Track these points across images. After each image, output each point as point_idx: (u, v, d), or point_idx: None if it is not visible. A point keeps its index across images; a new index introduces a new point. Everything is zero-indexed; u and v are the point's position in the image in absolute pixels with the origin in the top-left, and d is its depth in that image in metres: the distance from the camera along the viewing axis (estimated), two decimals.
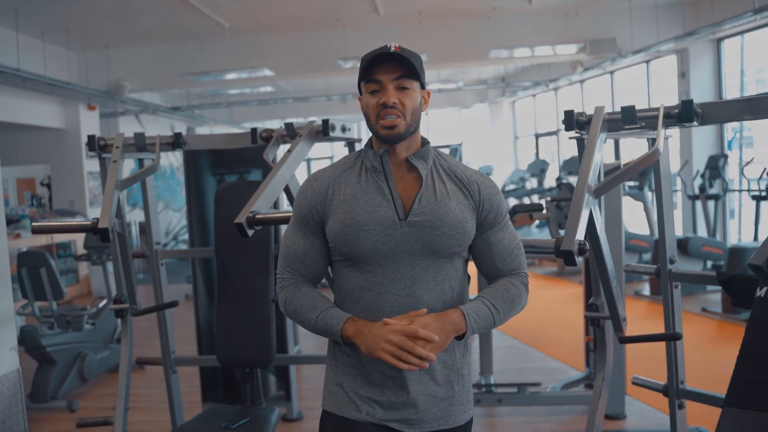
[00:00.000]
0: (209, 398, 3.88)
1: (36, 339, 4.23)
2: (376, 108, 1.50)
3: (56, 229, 2.72)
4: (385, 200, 1.52)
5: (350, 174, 1.58)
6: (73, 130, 9.44)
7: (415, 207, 1.52)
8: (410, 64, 1.49)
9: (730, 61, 8.35)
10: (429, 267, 1.53)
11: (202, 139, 3.18)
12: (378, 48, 1.53)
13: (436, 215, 1.51)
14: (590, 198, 1.86)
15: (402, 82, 1.50)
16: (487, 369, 4.16)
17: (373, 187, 1.54)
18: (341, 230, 1.51)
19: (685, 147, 8.58)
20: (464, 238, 1.55)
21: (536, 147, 13.75)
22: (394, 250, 1.51)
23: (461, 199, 1.56)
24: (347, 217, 1.51)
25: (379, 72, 1.50)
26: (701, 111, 2.12)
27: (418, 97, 1.54)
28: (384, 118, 1.49)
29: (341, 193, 1.55)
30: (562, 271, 8.91)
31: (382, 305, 1.51)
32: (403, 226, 1.50)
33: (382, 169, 1.54)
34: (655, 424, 3.68)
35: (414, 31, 8.75)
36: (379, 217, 1.50)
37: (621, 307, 2.36)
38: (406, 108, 1.50)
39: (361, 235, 1.50)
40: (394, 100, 1.48)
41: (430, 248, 1.52)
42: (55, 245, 8.39)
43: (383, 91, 1.50)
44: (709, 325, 5.81)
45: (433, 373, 1.54)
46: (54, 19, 7.79)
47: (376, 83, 1.50)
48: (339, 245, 1.53)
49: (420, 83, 1.54)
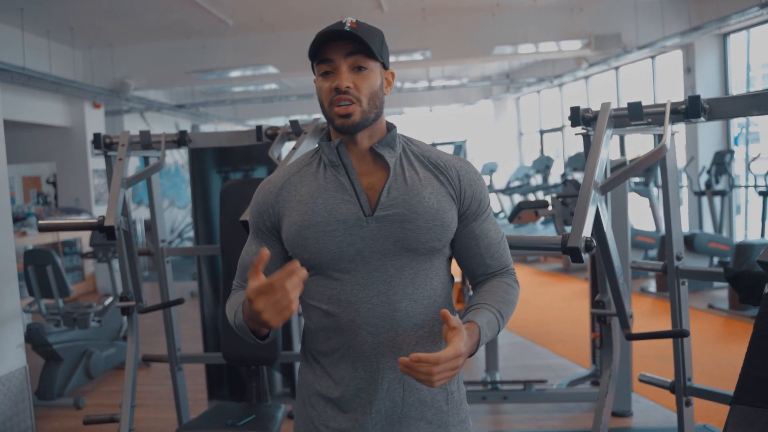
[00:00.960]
0: (215, 395, 3.89)
1: (42, 336, 4.25)
2: (329, 93, 1.30)
3: (63, 226, 2.72)
4: (348, 196, 1.32)
5: (307, 172, 1.39)
6: (78, 128, 9.47)
7: (383, 199, 1.32)
8: (365, 41, 1.28)
9: (736, 56, 8.30)
10: (405, 268, 1.33)
11: (207, 136, 3.18)
12: (329, 26, 1.32)
13: (408, 206, 1.31)
14: (597, 194, 1.86)
15: (357, 61, 1.30)
16: (493, 366, 4.16)
17: (333, 183, 1.34)
18: (298, 233, 1.32)
19: (691, 143, 8.54)
20: (443, 231, 1.34)
21: (541, 143, 13.72)
22: (361, 251, 1.31)
23: (437, 186, 1.35)
24: (304, 218, 1.32)
25: (331, 50, 1.30)
26: (708, 107, 2.11)
27: (378, 78, 1.33)
28: (338, 105, 1.29)
29: (296, 194, 1.36)
30: (568, 268, 8.89)
31: (354, 316, 1.31)
32: (370, 222, 1.31)
33: (340, 162, 1.34)
34: (662, 422, 3.67)
35: (418, 27, 8.74)
36: (341, 215, 1.31)
37: (627, 304, 2.36)
38: (362, 92, 1.30)
39: (321, 237, 1.30)
40: (348, 84, 1.28)
41: (404, 245, 1.32)
42: (61, 243, 8.42)
43: (336, 74, 1.30)
44: (716, 322, 5.79)
45: (419, 393, 1.36)
46: (59, 17, 7.81)
47: (327, 63, 1.30)
48: (298, 251, 1.33)
49: (381, 63, 1.35)
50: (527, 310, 6.59)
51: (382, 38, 1.36)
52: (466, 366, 4.73)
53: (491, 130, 15.56)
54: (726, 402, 2.12)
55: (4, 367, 3.27)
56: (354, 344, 1.33)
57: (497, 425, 3.76)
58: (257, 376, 2.88)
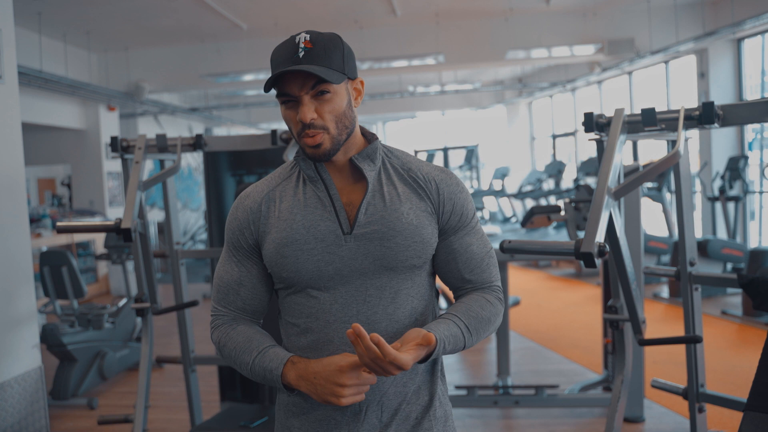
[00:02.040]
0: (228, 397, 3.91)
1: (57, 337, 4.29)
2: (296, 125, 1.25)
3: (80, 228, 2.75)
4: (326, 213, 1.28)
5: (286, 186, 1.34)
6: (93, 130, 9.57)
7: (361, 217, 1.28)
8: (324, 70, 1.21)
9: (750, 61, 8.26)
10: (385, 287, 1.28)
11: (222, 140, 3.21)
12: (285, 43, 1.24)
13: (386, 223, 1.27)
14: (610, 200, 1.86)
15: (318, 87, 1.22)
16: (504, 371, 4.16)
17: (313, 199, 1.30)
18: (277, 251, 1.28)
19: (704, 148, 8.50)
20: (423, 248, 1.30)
21: (553, 148, 13.68)
22: (340, 270, 1.27)
23: (416, 201, 1.31)
24: (283, 236, 1.28)
25: (289, 85, 1.23)
26: (722, 113, 2.11)
27: (344, 98, 1.26)
28: (305, 137, 1.24)
29: (276, 210, 1.31)
30: (580, 273, 8.86)
31: (332, 336, 1.27)
32: (348, 241, 1.27)
33: (319, 178, 1.30)
34: (674, 428, 3.65)
35: (431, 31, 8.76)
36: (319, 233, 1.27)
37: (640, 309, 2.36)
38: (327, 120, 1.24)
39: (300, 256, 1.27)
40: (312, 116, 1.22)
41: (383, 264, 1.28)
42: (75, 244, 8.50)
43: (298, 104, 1.24)
44: (730, 328, 5.76)
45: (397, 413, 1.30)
46: (76, 21, 7.90)
47: (286, 96, 1.24)
48: (277, 269, 1.30)
49: (345, 77, 1.27)
50: (539, 314, 6.58)
51: (342, 48, 1.26)
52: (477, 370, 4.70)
53: (504, 135, 15.54)
54: (739, 409, 2.12)
55: (20, 367, 3.31)
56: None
57: (509, 430, 3.76)
58: None
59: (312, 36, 1.23)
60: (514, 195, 11.53)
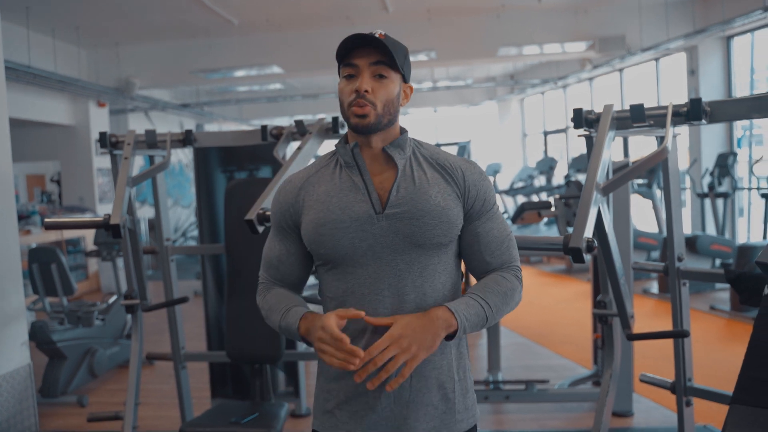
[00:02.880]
0: (218, 394, 3.91)
1: (47, 334, 4.27)
2: (349, 94, 1.41)
3: (68, 224, 2.74)
4: (360, 195, 1.43)
5: (324, 172, 1.50)
6: (82, 126, 9.50)
7: (392, 198, 1.42)
8: (390, 52, 1.39)
9: (739, 58, 8.30)
10: (414, 262, 1.42)
11: (212, 136, 3.20)
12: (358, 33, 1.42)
13: (416, 204, 1.41)
14: (599, 195, 1.87)
15: (379, 69, 1.40)
16: (495, 366, 4.17)
17: (348, 183, 1.45)
18: (315, 230, 1.43)
19: (694, 145, 8.54)
20: (449, 227, 1.43)
21: (545, 144, 13.72)
22: (373, 246, 1.41)
23: (443, 186, 1.45)
24: (321, 216, 1.43)
25: (357, 56, 1.41)
26: (710, 109, 2.13)
27: (396, 88, 1.44)
28: (356, 105, 1.40)
29: (314, 193, 1.47)
30: (571, 269, 8.90)
31: (366, 307, 1.42)
32: (380, 220, 1.41)
33: (354, 163, 1.45)
34: (662, 422, 3.68)
35: (423, 28, 8.75)
36: (354, 213, 1.41)
37: (629, 305, 2.37)
38: (378, 97, 1.40)
39: (336, 234, 1.41)
40: (367, 88, 1.39)
41: (412, 241, 1.41)
42: (65, 241, 8.46)
43: (358, 77, 1.41)
44: (718, 323, 5.80)
45: (426, 379, 1.43)
46: (64, 16, 7.85)
47: (352, 67, 1.41)
48: (315, 247, 1.45)
49: (401, 75, 1.46)
50: (530, 310, 6.60)
51: (407, 54, 1.47)
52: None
53: (495, 131, 15.57)
54: (726, 402, 2.13)
55: (9, 365, 3.29)
56: (366, 333, 1.43)
57: (499, 425, 3.77)
58: (261, 375, 2.89)
59: (387, 34, 1.42)
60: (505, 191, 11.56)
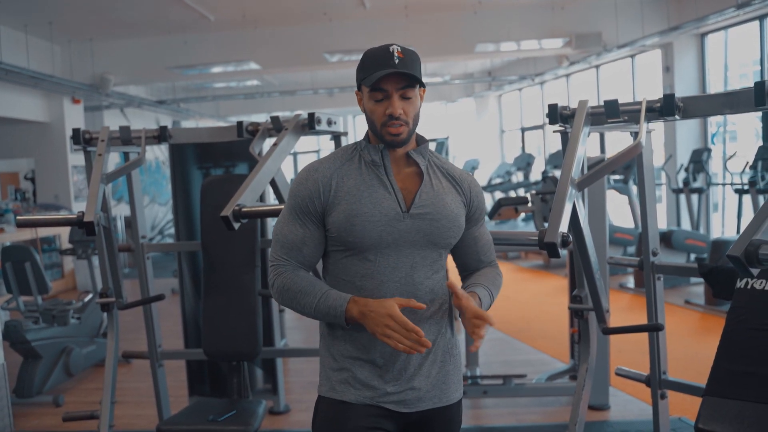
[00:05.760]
0: (196, 391, 3.89)
1: (21, 334, 4.21)
2: (382, 117, 1.57)
3: (41, 222, 2.70)
4: (388, 193, 1.59)
5: (350, 167, 1.63)
6: (57, 123, 9.36)
7: (417, 200, 1.60)
8: (414, 77, 1.56)
9: (714, 55, 8.42)
10: (427, 256, 1.62)
11: (187, 132, 3.17)
12: (381, 50, 1.57)
13: (436, 208, 1.61)
14: (573, 191, 1.89)
15: (406, 92, 1.57)
16: (473, 361, 4.19)
17: (375, 181, 1.60)
18: (347, 221, 1.57)
19: (669, 141, 8.65)
20: (458, 231, 1.65)
21: (522, 141, 13.81)
22: (397, 240, 1.59)
23: (454, 195, 1.66)
24: (353, 208, 1.57)
25: (385, 82, 1.56)
26: (683, 105, 2.15)
27: (419, 101, 1.61)
28: (390, 126, 1.57)
29: (345, 185, 1.60)
30: (548, 264, 8.97)
31: (384, 292, 1.58)
32: (405, 218, 1.59)
33: (382, 164, 1.62)
34: (638, 415, 3.73)
35: (400, 24, 8.75)
36: (384, 209, 1.58)
37: (604, 299, 2.40)
38: (409, 116, 1.58)
39: (367, 226, 1.56)
40: (400, 112, 1.56)
41: (430, 239, 1.61)
42: (40, 240, 8.33)
43: (388, 101, 1.56)
44: (693, 317, 5.88)
45: (433, 353, 1.63)
46: (37, 11, 7.70)
47: (381, 92, 1.56)
48: (344, 234, 1.58)
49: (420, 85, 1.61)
50: (508, 306, 6.64)
51: (420, 62, 1.62)
52: None
53: (473, 128, 15.62)
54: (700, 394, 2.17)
55: None
56: None
57: (477, 419, 3.79)
58: (238, 372, 2.88)
59: (402, 49, 1.58)
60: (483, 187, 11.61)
